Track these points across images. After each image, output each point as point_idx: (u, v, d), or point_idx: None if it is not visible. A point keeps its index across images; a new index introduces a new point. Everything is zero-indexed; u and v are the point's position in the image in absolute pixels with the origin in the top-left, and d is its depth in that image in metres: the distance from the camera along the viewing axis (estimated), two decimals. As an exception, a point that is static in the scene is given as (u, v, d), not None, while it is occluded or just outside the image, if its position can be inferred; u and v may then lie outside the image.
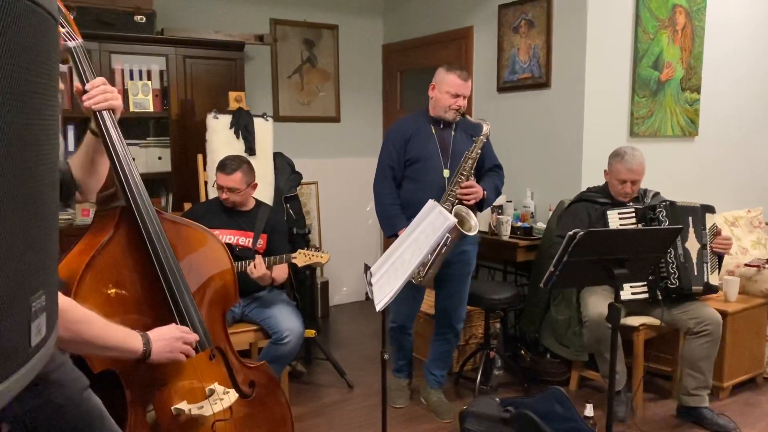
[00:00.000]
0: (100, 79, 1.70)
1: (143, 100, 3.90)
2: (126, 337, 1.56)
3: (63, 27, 1.67)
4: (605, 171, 3.32)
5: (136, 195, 1.71)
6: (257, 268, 2.88)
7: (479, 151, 2.99)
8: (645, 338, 3.22)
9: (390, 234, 3.09)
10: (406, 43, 5.15)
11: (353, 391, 3.59)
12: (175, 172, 3.96)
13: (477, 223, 2.83)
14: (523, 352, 3.86)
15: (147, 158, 3.98)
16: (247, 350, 3.24)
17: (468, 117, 3.03)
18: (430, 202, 2.02)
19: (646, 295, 3.11)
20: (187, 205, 3.62)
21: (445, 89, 3.01)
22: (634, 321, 3.19)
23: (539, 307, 3.73)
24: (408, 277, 1.72)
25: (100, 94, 1.68)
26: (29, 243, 0.63)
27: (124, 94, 3.82)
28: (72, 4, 3.52)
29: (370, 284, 1.91)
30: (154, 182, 4.07)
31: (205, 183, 3.74)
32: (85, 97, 1.68)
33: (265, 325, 3.03)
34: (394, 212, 3.05)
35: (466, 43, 4.57)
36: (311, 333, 3.67)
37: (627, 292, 3.06)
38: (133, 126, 3.96)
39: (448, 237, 1.86)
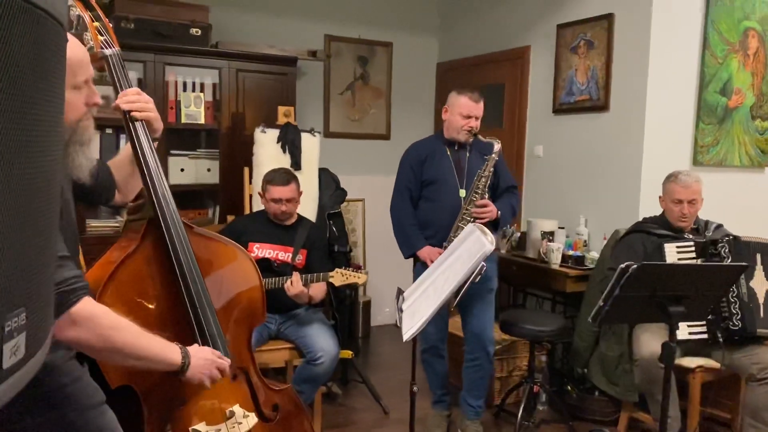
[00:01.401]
0: (135, 89, 1.68)
1: (195, 112, 3.94)
2: (164, 348, 1.51)
3: (101, 35, 1.66)
4: (660, 197, 3.15)
5: (164, 207, 1.68)
6: (294, 285, 2.82)
7: (492, 169, 3.01)
8: (702, 381, 2.99)
9: (408, 254, 3.12)
10: (461, 62, 5.06)
11: (388, 417, 3.47)
12: (222, 184, 3.97)
13: (493, 240, 2.81)
14: (569, 387, 3.66)
15: (197, 170, 4.00)
16: (283, 368, 3.18)
17: (480, 137, 3.06)
18: (470, 226, 1.92)
19: (705, 336, 2.89)
20: (231, 218, 3.61)
21: (457, 111, 3.06)
22: (690, 362, 2.97)
23: (588, 341, 3.52)
24: (440, 305, 1.61)
25: (134, 95, 1.67)
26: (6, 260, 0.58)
27: (177, 105, 3.87)
28: (130, 16, 3.62)
29: (401, 311, 1.81)
30: (202, 194, 4.10)
31: (250, 196, 3.73)
32: (120, 96, 1.67)
33: (299, 343, 2.97)
34: (412, 232, 3.09)
35: (522, 63, 4.45)
36: (348, 354, 3.58)
37: (684, 332, 2.85)
38: (185, 137, 4.01)
39: (483, 266, 1.74)
